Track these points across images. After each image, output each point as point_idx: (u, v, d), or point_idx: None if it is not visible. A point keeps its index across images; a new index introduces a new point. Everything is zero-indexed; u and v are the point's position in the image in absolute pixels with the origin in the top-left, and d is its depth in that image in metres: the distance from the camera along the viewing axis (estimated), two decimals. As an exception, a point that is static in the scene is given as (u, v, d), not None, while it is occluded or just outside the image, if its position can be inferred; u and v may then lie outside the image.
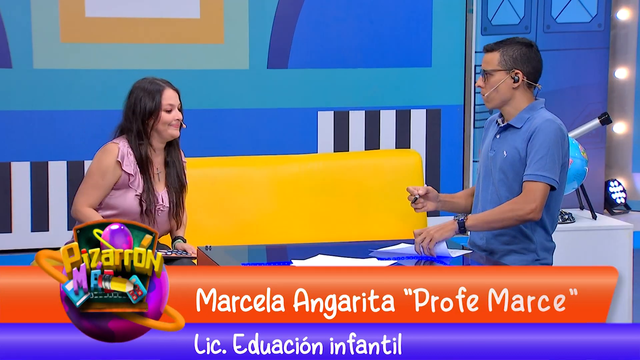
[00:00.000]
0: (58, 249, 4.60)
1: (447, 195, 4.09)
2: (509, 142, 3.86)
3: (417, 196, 3.94)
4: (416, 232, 3.72)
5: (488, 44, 3.92)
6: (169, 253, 4.36)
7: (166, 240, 4.60)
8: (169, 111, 4.39)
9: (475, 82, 6.48)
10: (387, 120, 6.81)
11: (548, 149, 3.75)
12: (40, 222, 6.36)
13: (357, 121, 6.78)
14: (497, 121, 3.95)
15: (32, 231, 6.36)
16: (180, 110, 4.44)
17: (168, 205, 4.45)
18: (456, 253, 3.70)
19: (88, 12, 6.32)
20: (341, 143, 6.77)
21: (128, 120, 4.41)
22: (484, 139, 4.04)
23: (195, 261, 4.33)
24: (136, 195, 4.37)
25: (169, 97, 4.41)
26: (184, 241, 4.49)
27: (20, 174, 6.32)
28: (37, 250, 6.56)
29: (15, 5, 6.21)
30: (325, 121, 6.74)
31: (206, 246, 3.69)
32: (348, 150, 6.75)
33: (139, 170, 4.38)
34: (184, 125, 4.46)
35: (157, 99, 4.38)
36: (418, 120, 6.76)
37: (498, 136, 3.91)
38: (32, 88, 6.29)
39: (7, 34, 6.21)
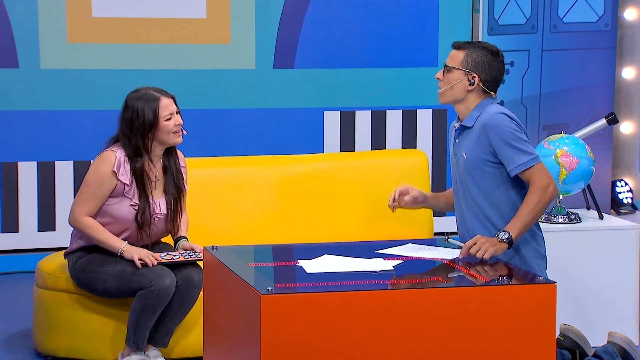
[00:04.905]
0: (64, 248, 4.62)
1: (432, 196, 4.19)
2: (466, 143, 3.95)
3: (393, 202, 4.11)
4: (469, 243, 3.72)
5: (458, 42, 4.00)
6: (176, 257, 4.35)
7: (167, 239, 4.60)
8: (168, 119, 4.36)
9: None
10: (394, 120, 6.81)
11: (512, 135, 3.82)
12: (46, 221, 6.37)
13: (363, 121, 6.78)
14: (454, 125, 4.04)
15: (38, 231, 6.36)
16: (178, 113, 4.41)
17: (165, 212, 4.44)
18: (455, 253, 3.70)
19: (95, 13, 6.32)
20: (347, 143, 6.77)
21: (125, 136, 4.37)
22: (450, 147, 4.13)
23: (200, 263, 4.33)
24: (131, 205, 4.36)
25: (166, 105, 4.37)
26: (187, 241, 4.48)
27: (27, 173, 6.33)
28: (43, 250, 6.61)
29: (22, 5, 6.22)
30: (332, 121, 6.74)
31: (212, 246, 3.69)
32: (354, 150, 6.75)
33: (134, 180, 4.36)
34: (185, 132, 4.43)
35: (154, 110, 4.34)
36: (424, 120, 6.76)
37: (457, 140, 4.01)
38: (38, 88, 6.30)
39: (14, 34, 6.22)
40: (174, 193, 4.46)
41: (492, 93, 3.95)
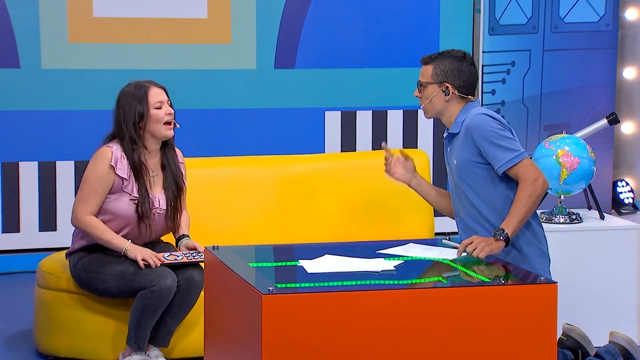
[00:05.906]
0: (66, 248, 4.62)
1: (425, 181, 4.23)
2: (455, 149, 3.99)
3: (388, 155, 4.19)
4: (466, 241, 3.72)
5: (425, 56, 4.06)
6: (179, 258, 4.35)
7: (168, 238, 4.59)
8: (158, 108, 4.37)
9: (482, 82, 6.48)
10: (395, 120, 6.81)
11: (495, 134, 3.85)
12: (47, 221, 6.37)
13: (364, 121, 6.78)
14: (444, 135, 4.10)
15: (39, 231, 6.37)
16: (170, 106, 4.42)
17: (165, 208, 4.43)
18: (455, 253, 3.69)
19: (96, 13, 6.32)
20: (348, 143, 6.77)
21: (120, 128, 4.39)
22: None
23: (202, 263, 4.33)
24: (131, 199, 4.36)
25: (155, 94, 4.39)
26: (189, 239, 4.48)
27: (28, 173, 6.33)
28: (44, 250, 6.61)
29: (23, 5, 6.22)
30: (333, 121, 6.74)
31: (213, 246, 3.69)
32: (355, 150, 6.75)
33: (132, 174, 4.36)
34: (178, 125, 4.43)
35: (144, 99, 4.36)
36: (425, 120, 6.76)
37: (449, 149, 4.07)
38: (39, 88, 6.30)
39: (15, 34, 6.22)
40: (174, 190, 4.46)
41: (470, 97, 3.98)
